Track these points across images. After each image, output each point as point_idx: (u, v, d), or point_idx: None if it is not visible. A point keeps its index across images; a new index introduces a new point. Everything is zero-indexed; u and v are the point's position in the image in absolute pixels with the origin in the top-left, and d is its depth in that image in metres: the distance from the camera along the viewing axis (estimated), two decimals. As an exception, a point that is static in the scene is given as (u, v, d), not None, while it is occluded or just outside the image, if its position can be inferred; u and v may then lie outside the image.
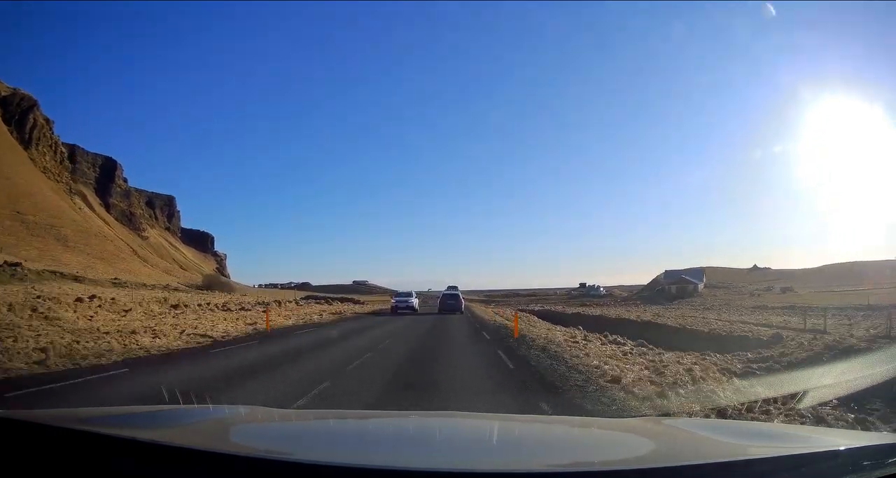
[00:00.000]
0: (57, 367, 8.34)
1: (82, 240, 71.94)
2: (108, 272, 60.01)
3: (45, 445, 1.23)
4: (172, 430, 1.72)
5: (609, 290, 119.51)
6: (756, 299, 63.21)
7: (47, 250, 61.41)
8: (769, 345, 12.30)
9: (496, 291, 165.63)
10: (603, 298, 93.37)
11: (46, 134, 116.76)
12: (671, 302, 67.78)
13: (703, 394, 6.11)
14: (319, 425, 2.24)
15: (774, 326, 19.97)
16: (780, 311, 36.96)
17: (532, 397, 6.37)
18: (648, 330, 19.55)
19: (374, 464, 1.28)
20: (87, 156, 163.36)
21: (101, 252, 72.20)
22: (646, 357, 9.76)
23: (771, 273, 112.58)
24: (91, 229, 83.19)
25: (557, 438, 2.03)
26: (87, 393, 6.61)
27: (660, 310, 44.18)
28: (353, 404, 5.70)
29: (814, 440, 1.77)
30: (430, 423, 2.33)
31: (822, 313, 23.21)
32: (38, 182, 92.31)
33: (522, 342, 12.88)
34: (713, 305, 55.26)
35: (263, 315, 21.35)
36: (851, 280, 68.18)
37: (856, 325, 19.75)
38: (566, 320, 27.05)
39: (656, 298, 74.90)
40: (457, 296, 32.92)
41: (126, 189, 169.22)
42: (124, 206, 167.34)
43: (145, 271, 75.72)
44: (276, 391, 6.65)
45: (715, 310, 44.07)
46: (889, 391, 5.61)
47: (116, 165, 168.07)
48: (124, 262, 73.77)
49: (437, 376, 8.21)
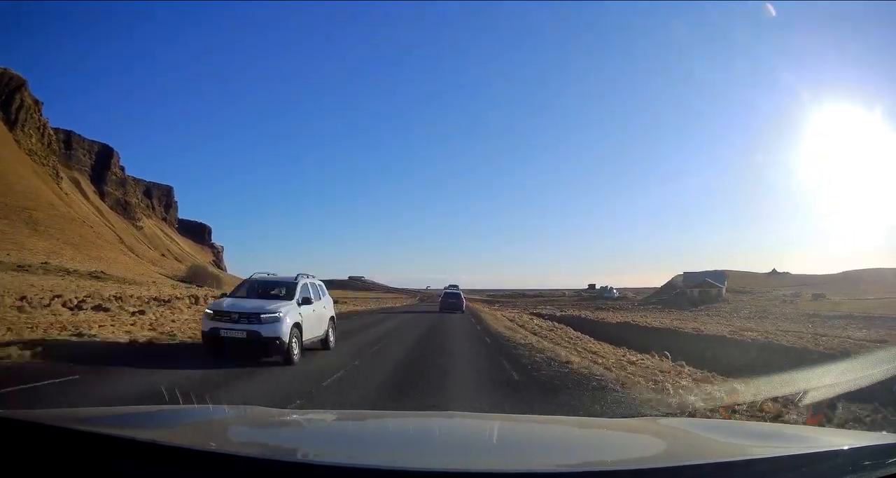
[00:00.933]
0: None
1: (56, 225, 67.06)
2: (77, 259, 55.10)
3: (46, 445, 1.22)
4: (172, 430, 1.71)
5: (620, 292, 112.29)
6: (793, 307, 56.52)
7: (11, 233, 56.16)
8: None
9: (498, 291, 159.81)
10: (618, 301, 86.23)
11: (34, 116, 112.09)
12: (696, 307, 61.07)
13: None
14: (319, 425, 2.22)
15: (872, 342, 15.73)
16: (842, 320, 31.38)
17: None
18: (745, 351, 13.10)
19: (374, 464, 1.26)
20: (83, 142, 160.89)
21: (75, 238, 67.33)
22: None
23: (790, 278, 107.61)
24: (69, 215, 78.25)
25: (557, 438, 2.02)
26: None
27: (697, 317, 37.84)
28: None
29: (814, 440, 1.73)
30: (430, 423, 2.34)
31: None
32: (17, 163, 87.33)
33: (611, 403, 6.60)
34: (750, 312, 48.50)
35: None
36: (877, 286, 63.37)
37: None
38: (610, 333, 20.61)
39: (678, 303, 68.03)
40: (458, 295, 32.70)
41: (122, 177, 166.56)
42: (119, 194, 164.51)
43: (124, 260, 70.65)
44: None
45: (756, 318, 37.64)
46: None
47: (113, 152, 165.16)
48: (99, 249, 68.74)
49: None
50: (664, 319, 33.03)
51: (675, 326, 24.08)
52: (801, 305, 57.18)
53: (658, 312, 48.11)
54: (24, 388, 6.31)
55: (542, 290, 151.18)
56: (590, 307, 63.32)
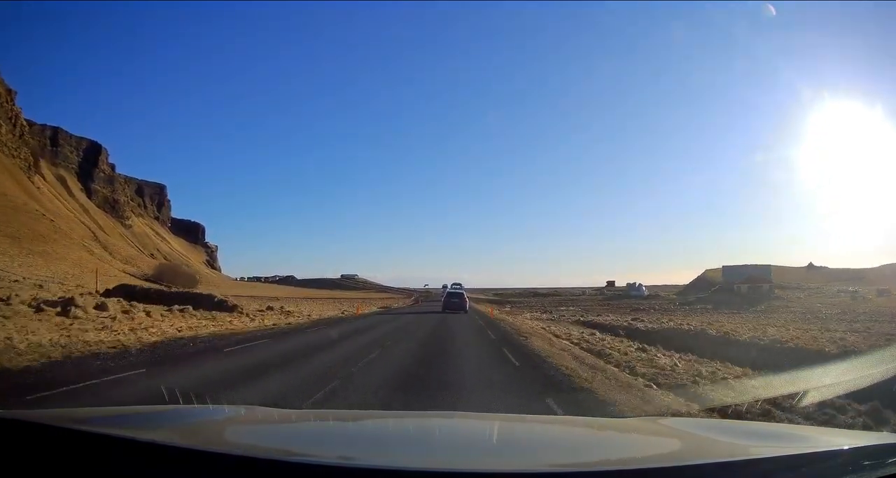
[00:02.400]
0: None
1: (2, 217, 58.25)
2: (8, 253, 46.01)
3: (46, 445, 1.22)
4: (172, 430, 1.71)
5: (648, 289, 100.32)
6: (867, 304, 45.84)
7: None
8: None
9: (506, 290, 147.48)
10: (650, 301, 74.01)
11: (5, 105, 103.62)
12: (753, 306, 49.77)
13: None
14: (319, 425, 2.21)
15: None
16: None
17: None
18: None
19: (374, 464, 1.27)
20: (70, 139, 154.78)
21: (22, 231, 58.92)
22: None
23: (830, 272, 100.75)
24: (26, 207, 69.87)
25: (557, 438, 2.00)
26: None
27: (790, 322, 27.09)
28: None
29: (814, 440, 1.74)
30: (430, 423, 2.32)
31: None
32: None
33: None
34: (827, 312, 37.05)
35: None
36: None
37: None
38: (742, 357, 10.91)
39: (729, 301, 56.29)
40: (461, 295, 32.48)
41: (110, 175, 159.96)
42: (108, 192, 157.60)
43: (78, 257, 61.81)
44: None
45: (855, 321, 26.96)
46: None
47: (101, 149, 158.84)
48: (50, 244, 60.47)
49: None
50: (761, 327, 22.51)
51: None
52: (877, 303, 46.89)
53: (718, 315, 37.37)
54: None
55: (556, 288, 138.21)
56: (624, 308, 52.20)
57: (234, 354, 10.37)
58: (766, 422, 4.20)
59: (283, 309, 30.26)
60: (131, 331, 13.26)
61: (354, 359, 9.47)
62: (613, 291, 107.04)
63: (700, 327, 22.27)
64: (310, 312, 30.61)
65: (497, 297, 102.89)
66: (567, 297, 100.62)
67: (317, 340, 13.93)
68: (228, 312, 23.15)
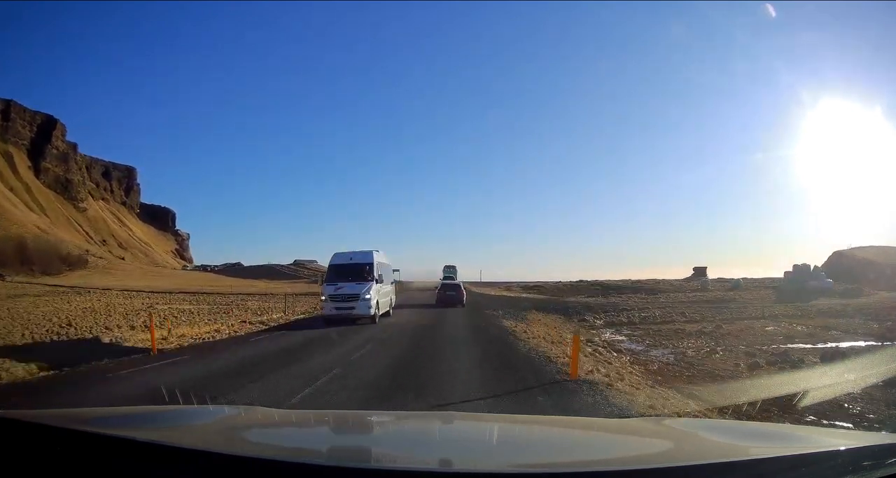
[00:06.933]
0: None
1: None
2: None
3: (46, 445, 1.21)
4: (172, 430, 1.70)
5: (745, 282, 70.51)
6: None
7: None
8: None
9: (509, 283, 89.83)
10: (846, 300, 37.49)
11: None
12: None
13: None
14: (319, 425, 2.19)
15: None
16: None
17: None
18: None
19: (374, 464, 1.26)
20: (24, 113, 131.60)
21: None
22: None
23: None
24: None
25: (557, 438, 1.98)
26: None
27: None
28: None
29: (814, 440, 1.72)
30: (430, 423, 2.32)
31: None
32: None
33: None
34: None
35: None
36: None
37: None
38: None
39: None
40: (457, 286, 29.68)
41: (65, 152, 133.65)
42: (60, 171, 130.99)
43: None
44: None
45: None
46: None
47: (56, 123, 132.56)
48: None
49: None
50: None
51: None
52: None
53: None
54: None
55: (615, 280, 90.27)
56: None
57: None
58: (766, 422, 4.31)
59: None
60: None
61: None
62: (697, 282, 76.95)
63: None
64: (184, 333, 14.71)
65: (535, 293, 54.11)
66: (654, 287, 69.38)
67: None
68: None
